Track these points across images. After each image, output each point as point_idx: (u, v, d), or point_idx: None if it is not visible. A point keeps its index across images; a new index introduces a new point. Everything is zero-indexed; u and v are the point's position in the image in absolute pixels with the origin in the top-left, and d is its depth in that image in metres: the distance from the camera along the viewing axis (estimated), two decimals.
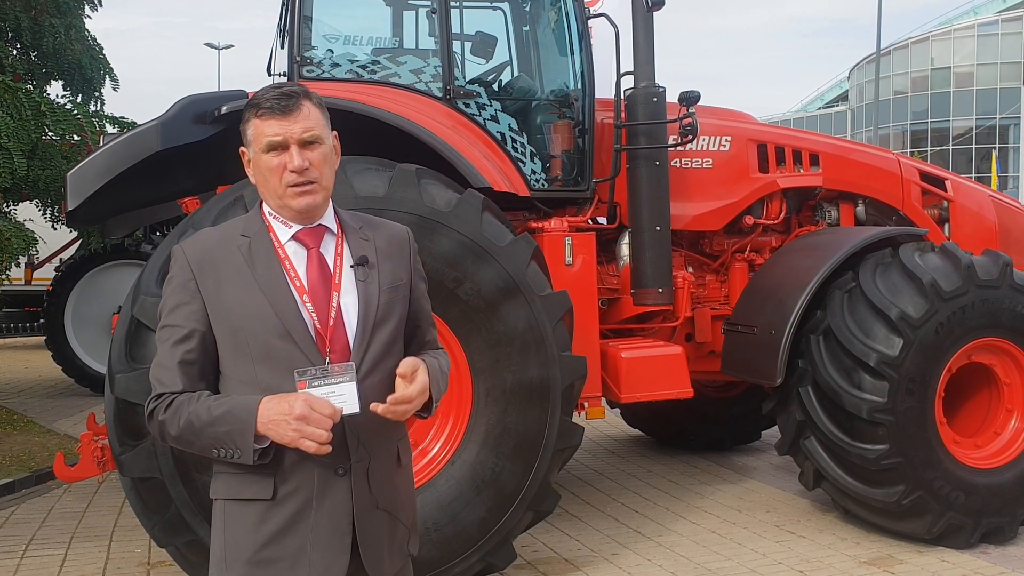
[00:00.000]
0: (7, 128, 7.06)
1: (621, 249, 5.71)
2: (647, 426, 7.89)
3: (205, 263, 2.16)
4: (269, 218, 2.22)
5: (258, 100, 2.15)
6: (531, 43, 5.96)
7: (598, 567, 5.01)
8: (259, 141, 2.15)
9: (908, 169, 6.40)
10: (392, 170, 4.38)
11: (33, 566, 5.07)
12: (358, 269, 2.21)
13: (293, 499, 2.11)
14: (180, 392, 2.11)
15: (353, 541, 2.15)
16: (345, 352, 2.14)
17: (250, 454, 2.03)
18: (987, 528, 5.22)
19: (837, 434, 5.11)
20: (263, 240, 2.19)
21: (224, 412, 2.05)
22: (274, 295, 2.13)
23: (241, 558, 2.12)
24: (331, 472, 2.13)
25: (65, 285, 10.63)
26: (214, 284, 2.14)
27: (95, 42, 10.23)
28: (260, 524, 2.11)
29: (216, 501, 2.20)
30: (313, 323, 2.13)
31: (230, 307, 2.13)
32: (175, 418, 2.09)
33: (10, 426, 8.43)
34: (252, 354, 2.12)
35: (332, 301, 2.16)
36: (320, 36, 5.25)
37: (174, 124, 4.67)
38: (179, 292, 2.17)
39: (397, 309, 2.26)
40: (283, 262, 2.17)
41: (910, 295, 5.07)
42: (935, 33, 53.74)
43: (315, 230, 2.22)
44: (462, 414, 4.49)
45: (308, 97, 2.18)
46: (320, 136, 2.17)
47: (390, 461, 2.26)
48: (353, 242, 2.24)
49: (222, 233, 2.24)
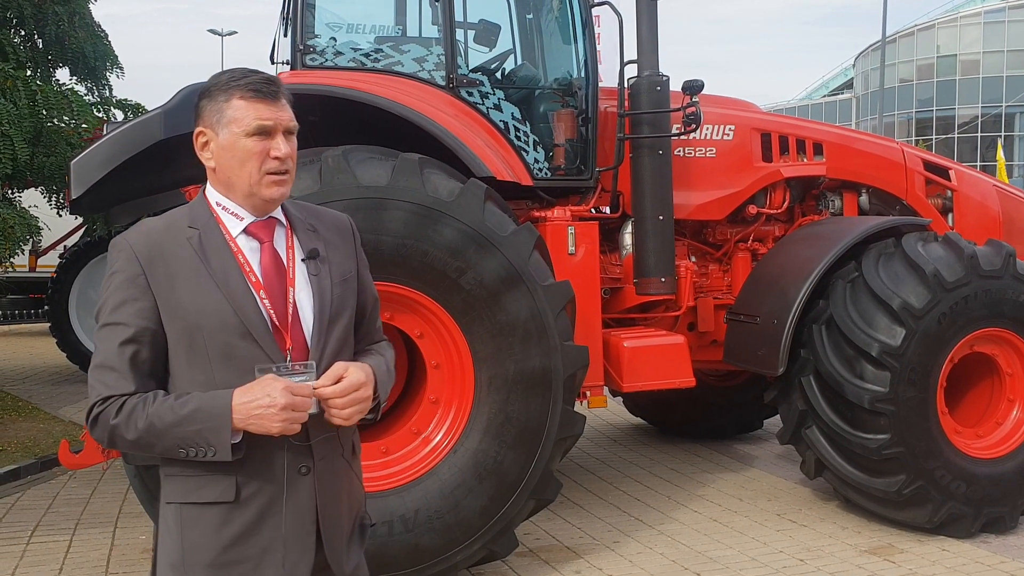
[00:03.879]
0: (7, 115, 7.06)
1: (624, 238, 5.71)
2: (649, 415, 7.90)
3: (154, 257, 2.05)
4: (217, 209, 2.12)
5: (239, 81, 2.07)
6: (535, 31, 5.94)
7: (600, 555, 5.03)
8: (243, 123, 2.05)
9: (912, 158, 6.39)
10: (395, 159, 4.38)
11: (38, 552, 5.10)
12: (310, 263, 2.15)
13: (256, 500, 2.06)
14: (132, 394, 2.01)
15: (317, 538, 2.13)
16: (304, 349, 2.10)
17: (228, 450, 1.97)
18: (988, 518, 5.24)
19: (839, 423, 5.12)
20: (213, 233, 2.09)
21: (192, 411, 1.97)
22: (231, 292, 2.04)
23: (202, 562, 2.06)
24: (294, 471, 2.09)
25: (69, 272, 10.65)
26: (166, 280, 2.04)
27: (99, 29, 10.21)
28: (222, 526, 2.05)
29: (169, 504, 2.11)
30: (271, 320, 2.07)
31: (185, 305, 2.03)
32: (130, 421, 1.99)
33: (15, 412, 8.47)
34: (209, 354, 2.03)
35: (288, 297, 2.09)
36: (323, 24, 5.23)
37: (177, 112, 4.66)
38: (126, 287, 2.04)
39: (349, 302, 2.21)
40: (236, 256, 2.08)
41: (913, 285, 5.07)
42: (941, 20, 53.41)
43: (267, 223, 2.14)
44: (464, 403, 4.50)
45: (284, 88, 2.14)
46: (296, 128, 2.14)
47: (348, 454, 2.24)
48: (302, 235, 2.18)
49: (167, 224, 2.12)
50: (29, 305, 14.65)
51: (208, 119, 2.10)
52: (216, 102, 2.09)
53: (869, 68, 54.62)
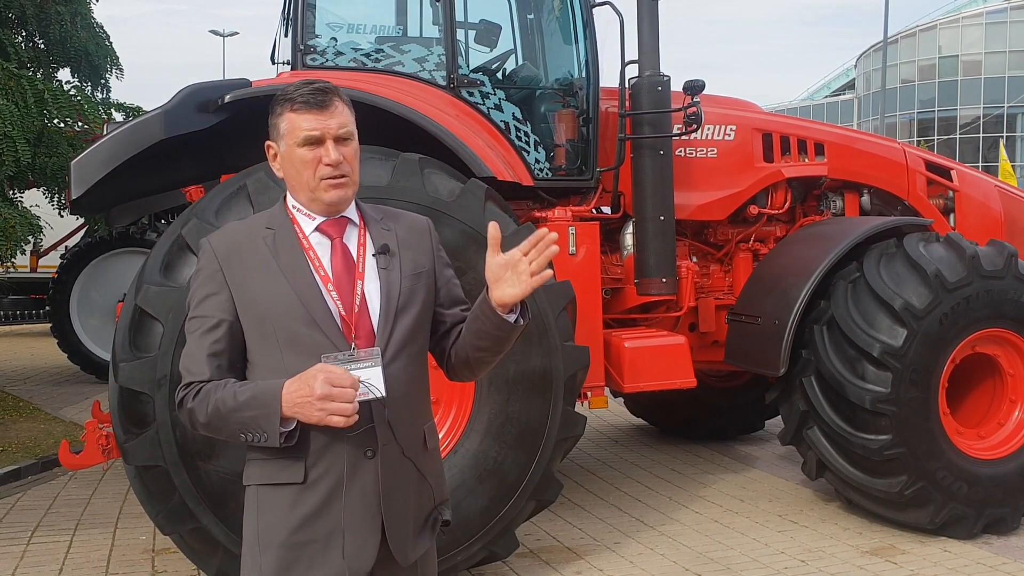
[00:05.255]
0: (10, 115, 7.06)
1: (625, 239, 5.70)
2: (650, 415, 7.90)
3: (232, 254, 2.23)
4: (293, 211, 2.28)
5: (291, 95, 2.21)
6: (535, 31, 5.94)
7: (600, 556, 5.03)
8: (294, 135, 2.20)
9: (913, 159, 6.38)
10: (395, 159, 4.37)
11: (38, 553, 5.10)
12: (380, 257, 2.26)
13: (324, 482, 2.16)
14: (208, 380, 2.17)
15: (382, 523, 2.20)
16: (370, 338, 2.19)
17: (276, 437, 2.08)
18: (990, 519, 5.23)
19: (840, 424, 5.11)
20: (287, 232, 2.25)
21: (249, 397, 2.10)
22: (298, 283, 2.18)
23: (275, 541, 2.17)
24: (360, 454, 2.17)
25: (71, 272, 10.65)
26: (240, 274, 2.20)
27: (101, 29, 10.22)
28: (293, 508, 2.16)
29: (249, 487, 2.25)
30: (338, 310, 2.18)
31: (256, 296, 2.18)
32: (203, 405, 2.14)
33: (16, 413, 8.48)
34: (279, 341, 2.17)
35: (356, 289, 2.21)
36: (324, 24, 5.23)
37: (178, 112, 4.66)
38: (207, 283, 2.22)
39: (420, 295, 2.30)
40: (307, 252, 2.23)
41: (914, 285, 5.07)
42: (943, 21, 53.39)
43: (338, 221, 2.28)
44: (465, 403, 4.50)
45: (338, 94, 2.24)
46: (352, 132, 2.26)
47: (416, 444, 2.29)
48: (375, 232, 2.30)
49: (248, 226, 2.31)
50: (30, 305, 14.69)
51: (272, 134, 2.27)
52: (275, 116, 2.25)
53: (871, 68, 54.61)
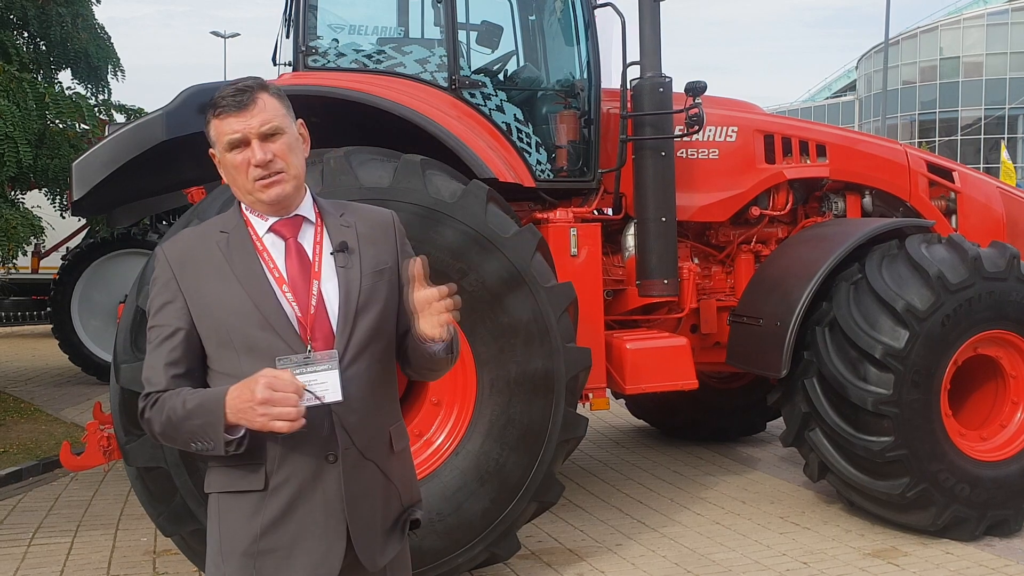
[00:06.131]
0: (12, 117, 7.06)
1: (626, 240, 5.70)
2: (652, 417, 7.89)
3: (186, 261, 2.19)
4: (247, 213, 2.24)
5: (214, 100, 2.16)
6: (537, 32, 5.94)
7: (602, 558, 5.02)
8: (221, 141, 2.16)
9: (915, 160, 6.37)
10: (397, 161, 4.37)
11: (39, 554, 5.10)
12: (338, 256, 2.20)
13: (285, 488, 2.11)
14: (165, 390, 2.14)
15: (347, 528, 2.15)
16: (328, 340, 2.14)
17: (221, 445, 2.02)
18: (992, 520, 5.22)
19: (842, 426, 5.10)
20: (241, 234, 2.20)
21: (196, 405, 2.06)
22: (252, 287, 2.14)
23: (237, 550, 2.13)
24: (322, 459, 2.12)
25: (72, 274, 10.65)
26: (195, 281, 2.17)
27: (102, 31, 10.22)
28: (254, 515, 2.12)
29: (211, 495, 2.21)
30: (294, 312, 2.13)
31: (211, 302, 2.14)
32: (159, 415, 2.11)
33: (17, 414, 8.48)
34: (236, 347, 2.12)
35: (312, 289, 2.16)
36: (325, 25, 5.23)
37: (179, 114, 4.67)
38: (163, 292, 2.20)
39: (382, 293, 2.23)
40: (261, 254, 2.18)
41: (916, 287, 5.06)
42: (944, 22, 53.41)
43: (292, 220, 2.22)
44: (466, 405, 4.50)
45: (264, 89, 2.18)
46: (280, 127, 2.17)
47: (380, 447, 2.23)
48: (333, 229, 2.24)
49: (201, 231, 2.27)
50: (32, 307, 14.65)
51: (209, 141, 2.23)
52: (207, 125, 2.21)
53: (872, 70, 54.61)
